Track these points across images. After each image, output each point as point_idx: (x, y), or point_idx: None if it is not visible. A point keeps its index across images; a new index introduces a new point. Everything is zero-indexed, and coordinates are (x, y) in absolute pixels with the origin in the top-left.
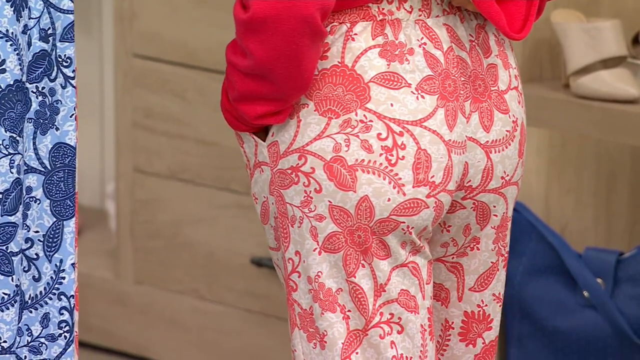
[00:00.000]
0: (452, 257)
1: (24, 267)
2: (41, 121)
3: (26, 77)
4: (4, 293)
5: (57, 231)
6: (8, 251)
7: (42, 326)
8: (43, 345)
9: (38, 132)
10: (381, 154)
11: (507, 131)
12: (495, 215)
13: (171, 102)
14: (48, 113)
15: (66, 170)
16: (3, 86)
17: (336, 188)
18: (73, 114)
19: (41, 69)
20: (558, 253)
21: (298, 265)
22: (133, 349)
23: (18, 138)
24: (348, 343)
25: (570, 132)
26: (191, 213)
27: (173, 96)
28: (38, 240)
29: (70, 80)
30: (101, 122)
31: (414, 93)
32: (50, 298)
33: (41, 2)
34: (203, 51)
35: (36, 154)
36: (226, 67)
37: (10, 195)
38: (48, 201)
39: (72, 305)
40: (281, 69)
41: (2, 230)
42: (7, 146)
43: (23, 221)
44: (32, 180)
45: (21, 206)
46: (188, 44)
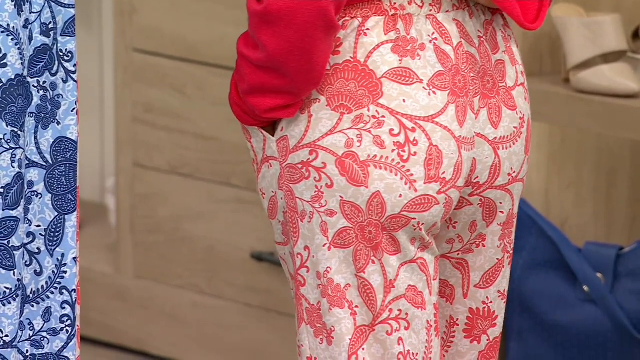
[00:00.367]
0: (458, 254)
1: (26, 262)
2: (42, 115)
3: (27, 72)
4: (6, 287)
5: (59, 225)
6: (10, 245)
7: (44, 320)
8: (45, 339)
9: (39, 127)
10: (393, 150)
11: (515, 127)
12: (501, 212)
13: (171, 97)
14: (49, 107)
15: (67, 164)
16: (4, 80)
17: (348, 183)
18: (74, 109)
19: (42, 64)
20: (558, 248)
21: (307, 260)
22: (133, 344)
23: (19, 132)
24: (355, 339)
25: (570, 127)
26: (191, 208)
27: (173, 91)
28: (40, 234)
29: (71, 74)
30: (101, 117)
31: (426, 89)
32: (52, 292)
33: None
34: (203, 46)
35: (37, 149)
36: (237, 60)
37: (11, 189)
38: (49, 195)
39: (74, 299)
40: (294, 62)
41: (4, 224)
42: (9, 140)
43: (25, 215)
44: (34, 174)
45: (23, 200)
46: (188, 39)
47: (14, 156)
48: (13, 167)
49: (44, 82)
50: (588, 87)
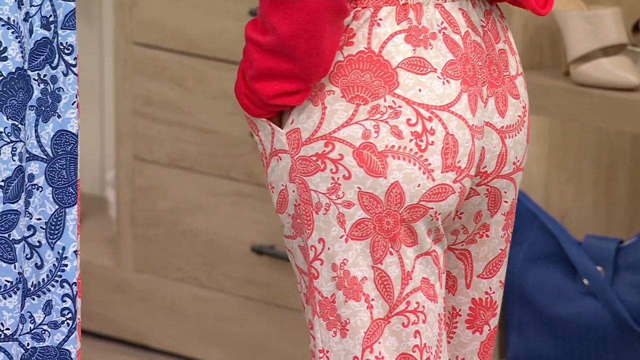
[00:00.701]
0: (462, 245)
1: (27, 255)
2: (43, 109)
3: (28, 65)
4: (7, 280)
5: (60, 218)
6: (10, 239)
7: (45, 313)
8: (46, 332)
9: (40, 120)
10: (411, 140)
11: (519, 116)
12: (505, 201)
13: (171, 90)
14: (50, 100)
15: (68, 157)
16: (5, 74)
17: (366, 174)
18: (75, 102)
19: (43, 57)
20: (558, 241)
21: (321, 252)
22: (133, 337)
23: (20, 125)
24: (371, 332)
25: (570, 120)
26: (191, 201)
27: (173, 84)
28: (40, 227)
29: (71, 67)
30: (101, 110)
31: (440, 78)
32: (52, 285)
33: None
34: (203, 39)
35: (38, 142)
36: (244, 47)
37: (12, 182)
38: (50, 188)
39: (75, 292)
40: (303, 45)
41: (5, 217)
42: (9, 134)
43: (25, 209)
44: (34, 167)
45: (23, 194)
46: (188, 32)
47: (15, 149)
48: (14, 161)
49: (45, 75)
50: (588, 81)
